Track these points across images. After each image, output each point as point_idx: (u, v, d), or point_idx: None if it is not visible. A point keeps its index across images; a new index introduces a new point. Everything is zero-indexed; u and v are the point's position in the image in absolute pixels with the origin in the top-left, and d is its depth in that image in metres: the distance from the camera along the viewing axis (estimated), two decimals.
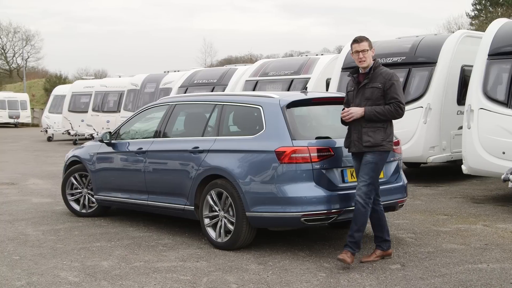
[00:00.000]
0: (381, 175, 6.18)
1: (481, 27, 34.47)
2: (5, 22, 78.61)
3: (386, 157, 5.58)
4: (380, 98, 5.45)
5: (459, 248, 6.16)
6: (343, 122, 5.64)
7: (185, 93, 16.09)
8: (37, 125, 38.07)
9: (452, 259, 5.74)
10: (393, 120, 5.60)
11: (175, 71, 19.77)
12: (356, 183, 5.94)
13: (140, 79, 20.39)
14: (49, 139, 26.16)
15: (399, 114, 5.49)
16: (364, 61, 5.52)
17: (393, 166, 6.38)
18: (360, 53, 5.53)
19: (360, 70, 5.61)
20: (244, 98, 6.76)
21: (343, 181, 5.91)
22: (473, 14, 44.31)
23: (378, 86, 5.45)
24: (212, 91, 15.73)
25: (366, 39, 5.59)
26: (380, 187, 6.14)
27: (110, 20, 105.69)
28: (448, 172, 12.46)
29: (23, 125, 39.92)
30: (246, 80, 14.96)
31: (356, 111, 5.44)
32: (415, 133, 10.56)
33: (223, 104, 6.66)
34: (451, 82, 10.83)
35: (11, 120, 39.06)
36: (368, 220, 5.60)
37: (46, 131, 26.40)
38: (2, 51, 66.62)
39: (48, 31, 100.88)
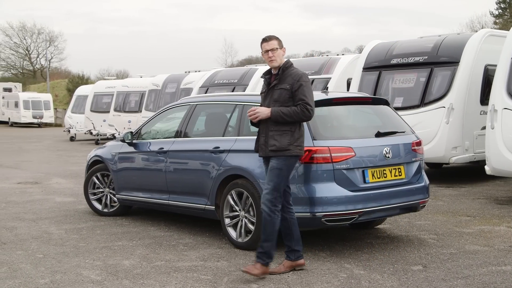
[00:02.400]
0: (403, 175, 6.16)
1: (505, 26, 34.02)
2: (30, 24, 79.71)
3: (294, 162, 5.25)
4: (288, 100, 5.17)
5: (482, 249, 6.09)
6: (252, 123, 5.42)
7: (206, 93, 16.15)
8: (60, 125, 38.52)
9: (475, 260, 5.67)
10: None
11: (196, 71, 19.85)
12: (378, 183, 5.92)
13: (161, 79, 20.51)
14: (72, 139, 26.46)
15: (306, 116, 5.15)
16: (274, 60, 5.28)
17: (414, 166, 6.33)
18: (270, 52, 5.29)
19: (272, 71, 5.38)
20: None
21: (364, 181, 5.87)
22: (497, 12, 43.74)
23: (286, 87, 5.19)
24: (232, 91, 15.75)
25: (276, 38, 5.37)
26: (402, 188, 6.13)
27: (132, 21, 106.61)
28: (471, 172, 12.31)
29: (46, 125, 40.42)
30: None
31: (262, 111, 5.18)
32: (437, 133, 10.47)
33: (244, 104, 6.66)
34: (474, 82, 10.71)
35: (35, 120, 39.58)
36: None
37: (69, 131, 26.70)
38: (27, 52, 67.64)
39: (71, 32, 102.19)
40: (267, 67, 5.52)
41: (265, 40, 5.37)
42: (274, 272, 5.32)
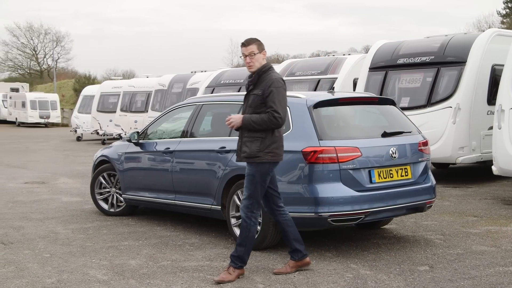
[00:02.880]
0: (409, 176, 6.15)
1: None
2: (37, 24, 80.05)
3: (268, 168, 5.14)
4: (260, 105, 5.08)
5: (489, 250, 6.06)
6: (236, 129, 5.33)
7: (212, 93, 16.17)
8: (66, 125, 38.64)
9: (482, 261, 5.65)
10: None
11: (202, 71, 19.87)
12: (384, 183, 5.92)
13: (168, 80, 20.54)
14: (78, 138, 26.54)
15: (274, 124, 5.01)
16: (252, 65, 5.17)
17: (421, 166, 6.31)
18: (248, 57, 5.16)
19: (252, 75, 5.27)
20: None
21: (371, 182, 5.86)
22: (504, 12, 43.52)
23: (258, 93, 5.11)
24: (239, 91, 15.75)
25: (255, 41, 5.20)
26: (409, 188, 6.11)
27: (138, 21, 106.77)
28: (478, 173, 12.27)
29: (53, 125, 40.56)
30: None
31: (236, 119, 5.15)
32: (444, 133, 10.44)
33: None
34: (481, 82, 10.67)
35: (42, 120, 39.71)
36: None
37: (76, 131, 26.79)
38: (34, 52, 67.94)
39: (78, 33, 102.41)
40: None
41: (244, 44, 5.23)
42: (281, 272, 5.32)
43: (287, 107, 6.14)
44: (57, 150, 21.02)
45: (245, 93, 5.45)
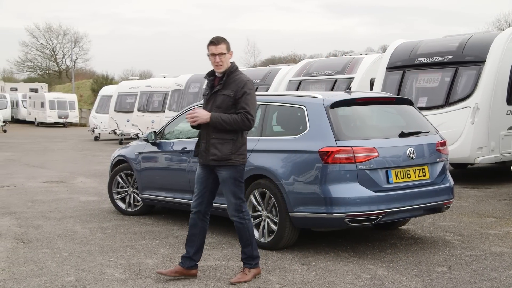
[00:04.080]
0: (427, 176, 6.10)
1: None
2: (56, 25, 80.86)
3: (241, 169, 5.09)
4: (231, 107, 4.96)
5: (508, 251, 6.00)
6: (192, 126, 5.16)
7: None
8: (84, 125, 38.94)
9: (501, 262, 5.59)
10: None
11: None
12: (402, 184, 5.88)
13: (184, 80, 20.60)
14: (96, 138, 26.74)
15: (246, 125, 4.94)
16: (221, 65, 5.01)
17: (439, 167, 6.26)
18: (217, 56, 5.00)
19: (217, 73, 5.13)
20: (287, 98, 6.76)
21: (388, 182, 5.83)
22: None
23: (229, 94, 4.97)
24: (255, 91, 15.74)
25: (224, 41, 5.06)
26: (426, 188, 6.07)
27: (155, 22, 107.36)
28: (497, 173, 12.14)
29: (71, 125, 40.91)
30: (290, 80, 14.94)
31: (202, 116, 4.95)
32: (462, 133, 10.35)
33: (267, 104, 6.67)
34: (500, 81, 10.56)
35: (60, 120, 40.07)
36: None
37: (93, 131, 26.99)
38: (53, 53, 68.67)
39: (96, 33, 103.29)
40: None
41: (213, 43, 5.05)
42: (162, 273, 5.21)
43: (304, 107, 6.17)
44: (75, 150, 21.21)
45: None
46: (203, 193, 5.20)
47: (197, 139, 5.19)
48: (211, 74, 5.18)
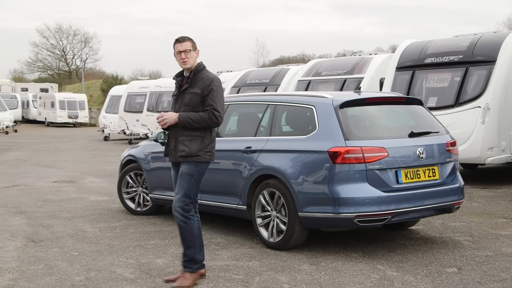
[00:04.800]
0: (437, 176, 6.08)
1: None
2: (66, 25, 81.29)
3: (205, 168, 5.12)
4: (199, 105, 5.01)
5: None
6: (163, 129, 5.18)
7: (237, 93, 16.20)
8: (94, 125, 39.12)
9: None
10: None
11: (228, 71, 19.92)
12: (411, 184, 5.86)
13: None
14: (106, 138, 26.84)
15: (214, 122, 4.99)
16: (187, 61, 5.06)
17: (449, 167, 6.23)
18: (183, 53, 5.06)
19: (185, 73, 5.19)
20: (297, 98, 6.75)
21: (397, 182, 5.81)
22: None
23: (197, 91, 5.01)
24: (264, 91, 15.76)
25: (189, 39, 5.14)
26: (436, 189, 6.05)
27: (165, 22, 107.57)
28: (508, 173, 12.06)
29: (81, 124, 41.10)
30: (299, 80, 14.93)
31: (170, 117, 5.01)
32: (473, 133, 10.29)
33: (276, 104, 6.67)
34: (511, 81, 10.48)
35: (70, 120, 40.27)
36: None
37: (103, 131, 27.08)
38: (63, 53, 69.05)
39: (106, 33, 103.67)
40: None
41: (179, 41, 5.13)
42: (171, 279, 5.11)
43: (313, 107, 6.17)
44: (85, 150, 21.30)
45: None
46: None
47: (168, 139, 5.18)
48: (179, 75, 5.24)
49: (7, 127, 31.99)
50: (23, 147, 22.17)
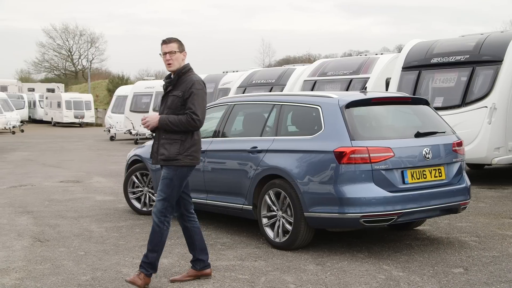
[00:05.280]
0: (443, 176, 6.06)
1: None
2: (72, 26, 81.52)
3: (186, 172, 5.02)
4: (180, 107, 4.93)
5: None
6: (151, 131, 5.14)
7: (243, 93, 16.20)
8: (100, 125, 39.22)
9: None
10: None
11: (233, 71, 19.92)
12: (418, 184, 5.84)
13: None
14: (112, 138, 26.89)
15: (192, 126, 4.90)
16: (171, 64, 4.98)
17: (455, 167, 6.21)
18: (168, 54, 4.98)
19: (172, 75, 5.11)
20: (302, 98, 6.75)
21: (403, 182, 5.80)
22: None
23: (178, 94, 4.95)
24: (270, 91, 15.76)
25: (176, 40, 5.05)
26: (442, 189, 6.03)
27: (171, 22, 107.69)
28: None
29: (87, 124, 41.21)
30: (305, 80, 14.91)
31: (153, 119, 4.98)
32: (479, 133, 10.25)
33: (282, 104, 6.67)
34: None
35: (76, 120, 40.40)
36: None
37: (109, 131, 27.14)
38: (69, 53, 69.28)
39: (112, 34, 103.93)
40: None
41: (165, 42, 5.05)
42: (176, 279, 5.16)
43: (319, 107, 6.16)
44: (91, 150, 21.36)
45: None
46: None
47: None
48: (168, 77, 5.16)
49: (14, 127, 32.12)
50: (30, 147, 22.25)
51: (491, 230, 6.96)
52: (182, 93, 4.95)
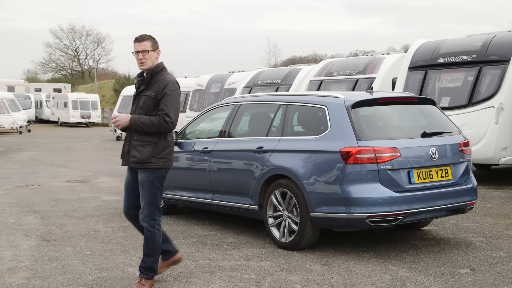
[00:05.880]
0: (450, 177, 6.04)
1: None
2: (79, 26, 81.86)
3: (164, 173, 4.90)
4: (153, 108, 4.79)
5: None
6: (122, 130, 4.95)
7: (249, 93, 16.20)
8: (106, 125, 39.32)
9: None
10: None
11: (239, 72, 19.93)
12: (424, 184, 5.82)
13: (205, 80, 20.67)
14: (118, 138, 26.94)
15: (164, 128, 4.76)
16: (144, 63, 4.82)
17: (462, 167, 6.19)
18: (140, 53, 4.82)
19: (145, 74, 4.93)
20: (308, 98, 6.74)
21: (410, 182, 5.78)
22: None
23: (151, 95, 4.79)
24: (276, 91, 15.76)
25: (150, 38, 4.91)
26: (449, 189, 6.01)
27: (177, 22, 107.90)
28: None
29: (94, 124, 41.34)
30: (311, 80, 14.90)
31: (122, 119, 4.81)
32: (486, 133, 10.21)
33: (288, 104, 6.66)
34: None
35: (83, 120, 40.53)
36: None
37: (115, 131, 27.17)
38: (76, 53, 69.50)
39: (118, 34, 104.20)
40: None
41: (138, 40, 4.90)
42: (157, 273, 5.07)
43: (325, 107, 6.15)
44: (98, 150, 21.42)
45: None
46: (129, 198, 5.06)
47: (124, 143, 5.03)
48: (140, 75, 4.99)
49: (21, 127, 32.25)
50: (37, 147, 22.34)
51: (498, 231, 6.93)
52: (155, 93, 4.80)
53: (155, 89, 4.81)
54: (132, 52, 4.92)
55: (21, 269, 5.59)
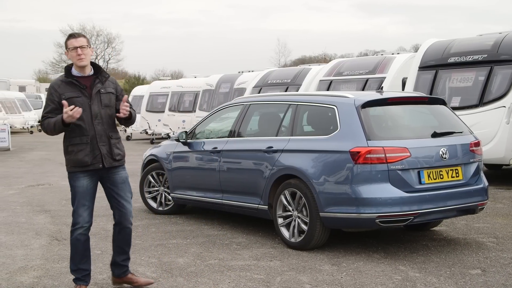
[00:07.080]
0: (460, 177, 6.01)
1: None
2: (89, 26, 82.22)
3: None
4: (114, 104, 4.88)
5: None
6: (64, 124, 4.75)
7: (259, 93, 16.20)
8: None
9: None
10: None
11: (249, 71, 19.93)
12: (434, 184, 5.80)
13: (215, 80, 20.69)
14: (128, 138, 27.04)
15: (133, 122, 5.09)
16: (84, 58, 4.70)
17: (473, 167, 6.16)
18: (79, 49, 4.68)
19: (80, 72, 4.77)
20: (318, 98, 6.73)
21: (420, 183, 5.76)
22: None
23: (112, 91, 4.84)
24: (286, 91, 15.74)
25: (84, 36, 4.87)
26: (460, 189, 5.98)
27: (186, 22, 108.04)
28: None
29: None
30: (320, 80, 14.88)
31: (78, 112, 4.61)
32: (497, 133, 10.14)
33: (297, 104, 6.66)
34: None
35: None
36: None
37: (125, 130, 27.28)
38: None
39: (128, 34, 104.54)
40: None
41: (73, 36, 4.79)
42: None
43: (335, 107, 6.14)
44: None
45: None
46: (92, 205, 5.13)
47: (86, 146, 4.85)
48: (70, 74, 4.78)
49: (32, 126, 32.43)
50: (48, 147, 22.46)
51: (509, 231, 6.89)
52: (114, 90, 4.90)
53: (111, 86, 4.90)
54: (66, 50, 4.76)
55: (32, 268, 5.63)
